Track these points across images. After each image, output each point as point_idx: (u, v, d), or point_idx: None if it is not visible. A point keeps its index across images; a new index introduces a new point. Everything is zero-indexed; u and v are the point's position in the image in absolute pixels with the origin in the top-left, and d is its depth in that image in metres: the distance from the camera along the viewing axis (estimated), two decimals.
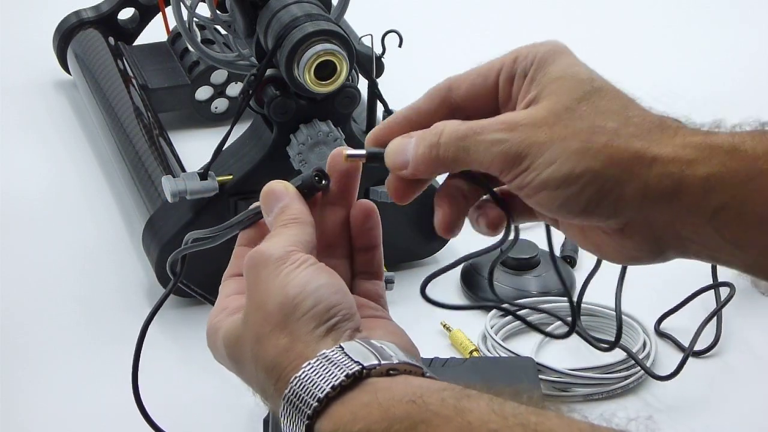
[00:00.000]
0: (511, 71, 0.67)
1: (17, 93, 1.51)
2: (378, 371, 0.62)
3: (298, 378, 0.62)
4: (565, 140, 0.63)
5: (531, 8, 1.74)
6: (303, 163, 1.10)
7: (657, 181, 0.63)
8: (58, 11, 1.51)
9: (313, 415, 0.61)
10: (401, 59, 1.16)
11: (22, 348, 1.11)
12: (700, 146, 0.63)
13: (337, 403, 0.61)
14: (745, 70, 1.59)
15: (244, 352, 0.67)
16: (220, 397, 1.05)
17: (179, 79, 1.42)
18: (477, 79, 0.68)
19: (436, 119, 0.68)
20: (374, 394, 0.61)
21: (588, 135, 0.63)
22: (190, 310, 1.14)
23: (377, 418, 0.59)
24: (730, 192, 0.62)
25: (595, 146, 0.63)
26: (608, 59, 1.61)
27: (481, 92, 0.68)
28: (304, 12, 1.06)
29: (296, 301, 0.64)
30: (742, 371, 1.09)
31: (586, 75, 0.65)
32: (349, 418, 0.60)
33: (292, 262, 0.66)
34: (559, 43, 0.67)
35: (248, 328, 0.66)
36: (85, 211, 1.31)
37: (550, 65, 0.66)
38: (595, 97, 0.64)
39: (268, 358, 0.64)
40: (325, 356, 0.62)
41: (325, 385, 0.61)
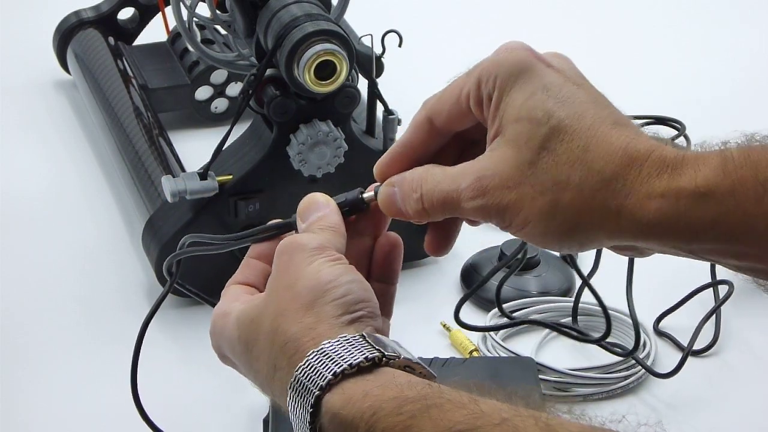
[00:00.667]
0: (477, 97, 0.67)
1: (17, 93, 1.51)
2: (396, 363, 0.62)
3: (315, 352, 0.62)
4: (534, 200, 0.64)
5: (531, 8, 1.74)
6: (303, 163, 1.10)
7: (626, 227, 0.64)
8: (58, 11, 1.51)
9: (326, 386, 0.61)
10: (401, 59, 1.16)
11: (22, 348, 1.11)
12: (664, 194, 0.63)
13: (351, 382, 0.61)
14: (746, 70, 1.59)
15: (261, 327, 0.67)
16: (219, 396, 1.05)
17: (179, 79, 1.42)
18: (453, 108, 0.68)
19: (430, 147, 0.70)
20: (391, 378, 0.61)
21: (554, 193, 0.64)
22: (190, 310, 1.15)
23: (389, 397, 0.59)
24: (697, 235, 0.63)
25: (563, 203, 0.64)
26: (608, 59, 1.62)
27: (459, 117, 0.69)
28: (304, 12, 1.06)
29: (327, 287, 0.65)
30: (741, 370, 1.09)
31: (542, 113, 0.64)
32: (359, 395, 0.60)
33: (327, 255, 0.67)
34: (519, 57, 0.66)
35: (271, 303, 0.67)
36: (85, 211, 1.31)
37: (511, 92, 0.65)
38: (553, 142, 0.64)
39: (289, 332, 0.64)
40: (346, 339, 0.63)
41: (344, 362, 0.61)
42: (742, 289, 1.15)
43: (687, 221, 0.62)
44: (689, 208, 0.62)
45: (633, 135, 0.64)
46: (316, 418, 0.61)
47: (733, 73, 1.58)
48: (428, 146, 0.70)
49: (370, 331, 0.64)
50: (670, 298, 1.14)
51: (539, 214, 0.64)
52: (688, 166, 0.63)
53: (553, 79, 0.65)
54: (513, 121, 0.65)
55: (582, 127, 0.64)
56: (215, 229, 1.11)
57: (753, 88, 1.54)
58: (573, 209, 0.64)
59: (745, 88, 1.54)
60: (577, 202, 0.63)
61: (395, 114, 1.14)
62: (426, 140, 0.70)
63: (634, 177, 0.63)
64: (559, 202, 0.64)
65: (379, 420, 0.58)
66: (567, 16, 1.73)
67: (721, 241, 0.63)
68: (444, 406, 0.58)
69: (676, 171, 0.63)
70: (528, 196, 0.64)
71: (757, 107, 1.50)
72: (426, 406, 0.58)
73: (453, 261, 1.20)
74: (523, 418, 0.56)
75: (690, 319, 1.11)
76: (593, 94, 0.66)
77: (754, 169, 0.62)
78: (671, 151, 0.64)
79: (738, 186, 0.62)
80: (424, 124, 0.70)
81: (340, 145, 1.10)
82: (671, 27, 1.71)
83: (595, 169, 0.63)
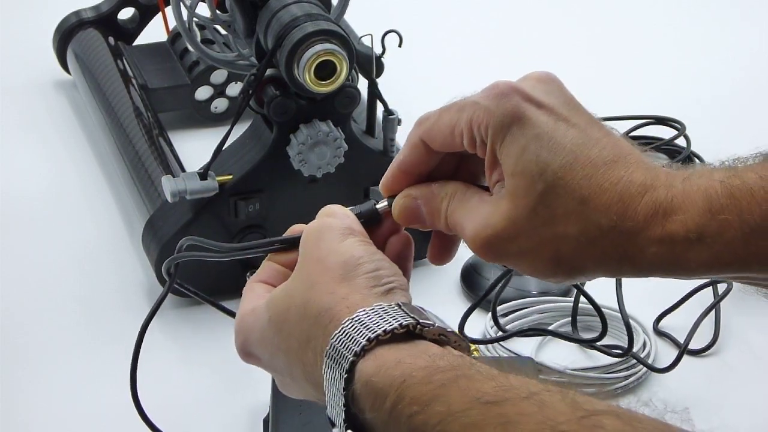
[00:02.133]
0: (470, 139, 0.68)
1: (17, 93, 1.51)
2: (431, 331, 0.63)
3: (351, 320, 0.63)
4: (535, 253, 0.67)
5: (531, 8, 1.74)
6: (303, 163, 1.10)
7: (627, 271, 0.67)
8: (58, 11, 1.51)
9: (360, 352, 0.61)
10: (401, 59, 1.16)
11: (22, 348, 1.11)
12: (661, 240, 0.65)
13: (385, 348, 0.61)
14: (746, 70, 1.59)
15: (292, 302, 0.67)
16: (219, 397, 1.05)
17: (179, 79, 1.42)
18: (446, 139, 0.70)
19: (428, 164, 0.72)
20: (425, 349, 0.61)
21: (553, 246, 0.66)
22: (190, 310, 1.15)
23: (421, 366, 0.60)
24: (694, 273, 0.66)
25: (563, 254, 0.66)
26: (608, 59, 1.62)
27: (452, 147, 0.70)
28: (304, 12, 1.06)
29: (359, 262, 0.66)
30: (741, 369, 1.09)
31: (536, 168, 0.65)
32: (392, 362, 0.60)
33: (356, 236, 0.69)
34: (510, 106, 0.67)
35: (302, 278, 0.67)
36: (85, 211, 1.31)
37: (505, 143, 0.67)
38: (549, 197, 0.65)
39: (323, 302, 0.65)
40: (381, 307, 0.63)
41: (378, 328, 0.62)
42: (741, 289, 1.15)
43: (683, 264, 0.65)
44: (684, 251, 0.65)
45: (624, 173, 0.66)
46: (350, 384, 0.61)
47: (733, 73, 1.58)
48: (426, 163, 0.72)
49: (404, 301, 0.65)
50: (669, 297, 1.14)
51: (540, 266, 0.67)
52: (678, 209, 0.65)
53: (543, 126, 0.66)
54: (510, 174, 0.66)
55: (575, 179, 0.65)
56: (215, 229, 1.11)
57: (753, 88, 1.54)
58: (574, 259, 0.66)
59: (745, 88, 1.54)
60: (577, 253, 0.66)
61: (395, 114, 1.14)
62: (422, 158, 0.72)
63: (630, 226, 0.65)
64: (559, 254, 0.66)
65: (409, 387, 0.59)
66: (567, 16, 1.73)
67: (718, 274, 0.67)
68: (473, 377, 0.58)
69: (667, 216, 0.65)
70: (529, 249, 0.67)
71: (757, 107, 1.50)
72: (455, 377, 0.58)
73: (453, 261, 1.19)
74: (551, 393, 0.56)
75: (689, 318, 1.11)
76: (583, 129, 0.67)
77: (738, 210, 0.64)
78: (662, 190, 0.65)
79: (724, 229, 0.64)
80: (419, 145, 0.71)
81: (340, 145, 1.10)
82: (671, 27, 1.71)
83: (593, 221, 0.65)
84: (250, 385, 1.05)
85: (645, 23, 1.72)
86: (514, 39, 1.65)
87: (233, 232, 1.12)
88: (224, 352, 1.10)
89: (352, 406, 0.62)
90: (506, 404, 0.56)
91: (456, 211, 0.70)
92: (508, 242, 0.67)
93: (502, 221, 0.67)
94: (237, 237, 1.12)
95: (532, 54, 1.60)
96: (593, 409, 0.54)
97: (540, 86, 0.68)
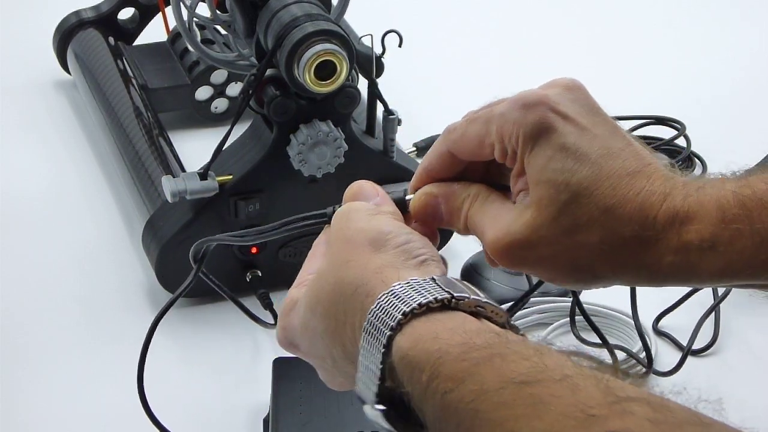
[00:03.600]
0: (502, 150, 0.70)
1: (17, 93, 1.51)
2: (466, 304, 0.63)
3: (386, 294, 0.63)
4: (555, 261, 0.68)
5: (531, 8, 1.74)
6: (303, 163, 1.10)
7: (644, 279, 0.69)
8: (58, 11, 1.51)
9: (396, 327, 0.61)
10: (401, 59, 1.16)
11: (22, 348, 1.11)
12: (677, 250, 0.67)
13: (421, 321, 0.62)
14: (746, 70, 1.59)
15: (325, 283, 0.67)
16: (220, 396, 1.05)
17: (179, 79, 1.42)
18: (475, 151, 0.71)
19: (454, 172, 0.73)
20: (461, 324, 0.61)
21: (574, 254, 0.68)
22: (191, 310, 1.15)
23: (457, 342, 0.60)
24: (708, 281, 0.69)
25: (583, 262, 0.68)
26: (608, 59, 1.62)
27: (481, 157, 0.72)
28: (304, 12, 1.06)
29: (389, 237, 0.67)
30: (741, 369, 1.09)
31: (562, 177, 0.67)
32: (429, 337, 0.60)
33: (383, 215, 0.70)
34: (538, 116, 0.68)
35: (333, 259, 0.68)
36: (85, 211, 1.31)
37: (533, 153, 0.68)
38: (573, 206, 0.67)
39: (357, 279, 0.65)
40: (415, 281, 0.63)
41: (413, 302, 0.62)
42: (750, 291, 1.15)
43: (697, 272, 0.67)
44: (698, 260, 0.66)
45: (645, 183, 0.67)
46: (386, 358, 0.61)
47: (733, 73, 1.58)
48: (452, 171, 0.73)
49: (438, 274, 0.65)
50: (669, 297, 1.14)
51: (560, 274, 0.69)
52: (694, 217, 0.66)
53: (569, 137, 0.68)
54: (535, 183, 0.68)
55: (600, 189, 0.67)
56: (215, 229, 1.11)
57: (753, 88, 1.54)
58: (593, 266, 0.68)
59: (745, 88, 1.54)
60: (597, 261, 0.68)
61: (395, 114, 1.14)
62: (449, 167, 0.73)
63: (650, 235, 0.67)
64: (579, 261, 0.68)
65: (444, 364, 0.59)
66: (567, 17, 1.73)
67: (730, 282, 0.69)
68: (508, 357, 0.58)
69: (684, 224, 0.66)
70: (550, 256, 0.68)
71: (757, 107, 1.50)
72: (490, 355, 0.58)
73: (453, 261, 1.20)
74: (585, 377, 0.56)
75: (689, 318, 1.11)
76: (607, 139, 0.69)
77: (749, 220, 0.66)
78: (679, 197, 0.67)
79: (736, 238, 0.66)
80: (446, 155, 0.73)
81: (340, 145, 1.10)
82: (671, 27, 1.71)
83: (614, 230, 0.67)
84: (250, 384, 1.05)
85: (645, 23, 1.72)
86: (514, 39, 1.65)
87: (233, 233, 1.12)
88: (224, 351, 1.10)
89: (388, 379, 0.62)
90: (539, 385, 0.56)
91: (477, 214, 0.71)
92: (528, 250, 0.68)
93: (524, 229, 0.68)
94: None
95: (533, 54, 1.60)
96: (626, 395, 0.54)
97: (566, 94, 0.69)
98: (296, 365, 0.98)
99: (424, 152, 1.38)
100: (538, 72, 1.69)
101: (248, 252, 1.13)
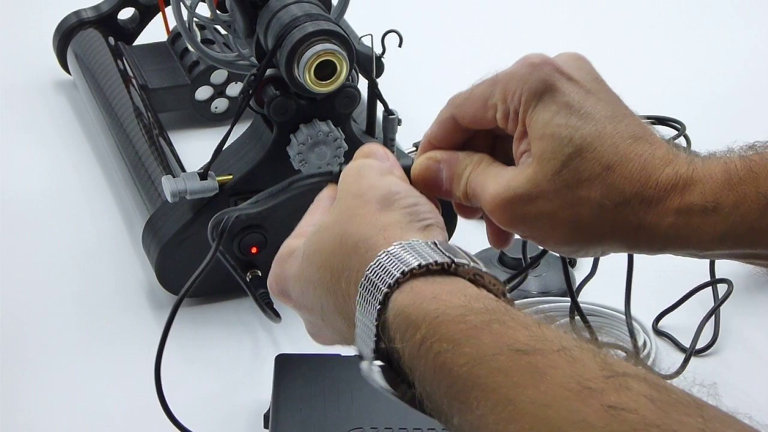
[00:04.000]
0: (504, 110, 0.70)
1: (17, 93, 1.51)
2: (466, 271, 0.63)
3: (386, 252, 0.63)
4: (555, 216, 0.68)
5: (531, 8, 1.74)
6: (303, 163, 1.10)
7: (644, 241, 0.68)
8: (58, 11, 1.51)
9: (394, 284, 0.61)
10: (401, 59, 1.16)
11: (22, 348, 1.11)
12: (678, 210, 0.67)
13: (421, 281, 0.62)
14: (746, 70, 1.59)
15: (329, 232, 0.68)
16: (220, 394, 1.05)
17: (179, 79, 1.42)
18: (477, 113, 0.72)
19: (456, 141, 0.74)
20: (462, 288, 0.61)
21: (575, 207, 0.67)
22: (191, 309, 1.15)
23: (456, 304, 0.60)
24: (709, 246, 0.68)
25: (583, 218, 0.68)
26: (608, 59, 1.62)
27: (483, 122, 0.72)
28: (304, 12, 1.06)
29: (397, 197, 0.68)
30: (741, 370, 1.09)
31: (566, 131, 0.67)
32: (428, 296, 0.60)
33: (396, 175, 0.70)
34: (542, 74, 0.69)
35: (340, 212, 0.68)
36: (85, 211, 1.31)
37: (536, 109, 0.68)
38: (576, 160, 0.67)
39: (360, 233, 0.66)
40: (417, 242, 0.64)
41: (413, 261, 0.62)
42: (742, 288, 1.15)
43: (698, 236, 0.67)
44: (700, 223, 0.66)
45: (648, 148, 0.68)
46: (382, 315, 0.61)
47: (733, 73, 1.58)
48: (454, 140, 0.74)
49: (441, 239, 0.66)
50: (669, 297, 1.14)
51: (559, 230, 0.68)
52: (698, 181, 0.67)
53: (574, 96, 0.68)
54: (538, 138, 0.68)
55: (603, 146, 0.67)
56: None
57: (753, 88, 1.54)
58: (593, 224, 0.68)
59: (745, 88, 1.54)
60: (597, 218, 0.67)
61: (395, 114, 1.14)
62: (451, 135, 0.73)
63: (651, 195, 0.67)
64: (580, 217, 0.67)
65: (441, 324, 0.59)
66: (567, 16, 1.73)
67: (732, 249, 0.68)
68: (507, 323, 0.58)
69: (687, 187, 0.67)
70: (549, 211, 0.68)
71: (757, 107, 1.50)
72: (489, 320, 0.58)
73: None
74: (583, 350, 0.56)
75: (689, 318, 1.11)
76: (611, 104, 0.69)
77: (755, 183, 0.66)
78: (683, 164, 0.67)
79: (741, 201, 0.66)
80: (449, 121, 0.73)
81: (340, 145, 1.10)
82: (671, 27, 1.71)
83: (616, 187, 0.67)
84: (251, 382, 1.05)
85: (645, 23, 1.72)
86: (514, 39, 1.65)
87: (233, 232, 1.12)
88: (225, 350, 1.11)
89: (383, 336, 0.61)
90: (537, 354, 0.56)
91: (478, 177, 0.71)
92: (528, 203, 0.68)
93: (525, 183, 0.68)
94: (237, 237, 1.12)
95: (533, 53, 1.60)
96: (623, 371, 0.54)
97: (571, 62, 0.70)
98: (298, 362, 0.98)
99: None
100: None
101: (248, 252, 1.13)
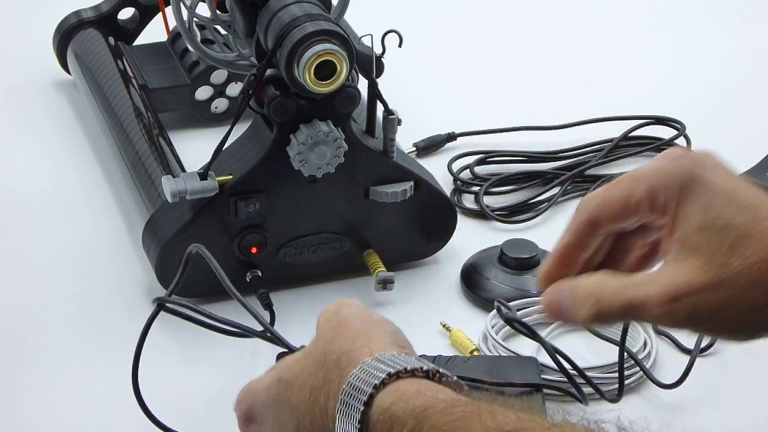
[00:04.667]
0: (652, 206, 0.71)
1: (17, 93, 1.51)
2: (449, 382, 0.66)
3: (372, 359, 0.66)
4: (735, 304, 0.68)
5: (531, 8, 1.74)
6: (303, 163, 1.10)
7: None
8: (58, 11, 1.51)
9: (380, 385, 0.63)
10: (401, 59, 1.16)
11: (22, 348, 1.11)
12: None
13: (406, 380, 0.64)
14: (746, 70, 1.59)
15: (310, 357, 0.70)
16: (219, 395, 1.05)
17: (179, 79, 1.42)
18: (620, 212, 0.72)
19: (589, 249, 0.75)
20: (445, 389, 0.64)
21: (750, 293, 0.68)
22: None
23: (442, 398, 0.62)
24: None
25: (758, 303, 0.68)
26: (608, 59, 1.62)
27: (625, 220, 0.73)
28: (304, 12, 1.06)
29: (380, 324, 0.71)
30: (740, 369, 1.08)
31: (723, 222, 0.69)
32: (413, 392, 0.63)
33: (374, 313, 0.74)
34: (686, 168, 0.70)
35: (321, 339, 0.71)
36: (85, 211, 1.31)
37: (688, 203, 0.70)
38: (740, 247, 0.68)
39: (342, 348, 0.68)
40: (400, 355, 0.66)
41: (399, 366, 0.64)
42: None
43: None
44: None
45: None
46: (365, 416, 0.63)
47: (732, 72, 1.58)
48: (587, 248, 0.75)
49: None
50: None
51: (739, 314, 0.69)
52: None
53: (722, 186, 0.70)
54: (696, 231, 0.69)
55: (760, 230, 0.68)
56: (215, 229, 1.11)
57: (753, 88, 1.54)
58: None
59: (745, 88, 1.54)
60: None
61: (395, 114, 1.14)
62: (586, 242, 0.74)
63: None
64: (756, 301, 0.68)
65: (429, 416, 0.60)
66: (567, 16, 1.73)
67: None
68: (495, 410, 0.60)
69: None
70: (724, 301, 0.68)
71: (757, 107, 1.50)
72: (478, 409, 0.60)
73: (453, 261, 1.20)
74: (573, 426, 0.58)
75: None
76: (752, 191, 0.71)
77: None
78: None
79: None
80: (586, 227, 0.74)
81: (340, 145, 1.10)
82: (671, 27, 1.71)
83: None
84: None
85: (645, 23, 1.72)
86: (514, 39, 1.65)
87: (233, 232, 1.12)
88: (225, 349, 1.10)
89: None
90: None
91: (620, 292, 0.71)
92: (707, 294, 0.68)
93: (698, 275, 0.68)
94: (237, 237, 1.12)
95: (533, 54, 1.60)
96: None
97: (708, 157, 0.72)
98: None
99: (424, 152, 1.38)
100: (538, 72, 1.70)
101: (248, 252, 1.13)
